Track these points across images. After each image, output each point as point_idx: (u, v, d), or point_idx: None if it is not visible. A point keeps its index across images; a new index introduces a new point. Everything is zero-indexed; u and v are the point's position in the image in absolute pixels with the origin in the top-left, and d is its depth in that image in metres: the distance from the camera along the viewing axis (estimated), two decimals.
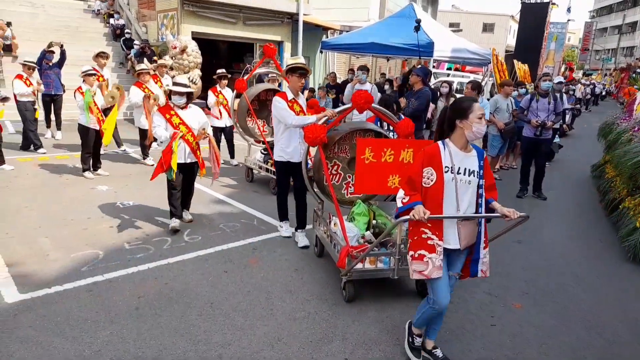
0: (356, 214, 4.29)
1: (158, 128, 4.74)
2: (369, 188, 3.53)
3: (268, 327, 3.38)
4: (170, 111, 4.80)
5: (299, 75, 4.48)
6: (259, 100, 7.39)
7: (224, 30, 12.75)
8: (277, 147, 4.67)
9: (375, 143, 3.39)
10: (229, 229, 5.23)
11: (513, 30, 38.95)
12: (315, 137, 3.95)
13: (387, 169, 3.44)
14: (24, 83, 8.01)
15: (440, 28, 11.75)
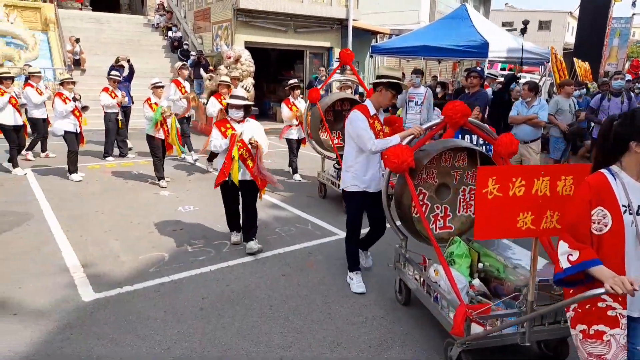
0: (456, 256, 3.50)
1: (215, 140, 4.54)
2: (494, 231, 2.62)
3: (327, 331, 3.42)
4: (226, 124, 4.60)
5: (395, 92, 3.74)
6: (334, 111, 6.69)
7: (275, 38, 13.05)
8: (349, 173, 3.84)
9: (500, 172, 2.57)
10: (284, 233, 5.33)
11: (572, 28, 37.14)
12: (401, 161, 3.25)
13: (516, 205, 2.57)
14: (110, 95, 8.46)
15: (495, 28, 11.43)
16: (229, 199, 4.80)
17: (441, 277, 3.24)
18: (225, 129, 4.57)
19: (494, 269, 3.44)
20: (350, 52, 6.16)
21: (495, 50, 9.52)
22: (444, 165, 3.59)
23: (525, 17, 33.33)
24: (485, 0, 27.57)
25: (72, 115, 7.13)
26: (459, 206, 3.74)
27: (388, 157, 3.31)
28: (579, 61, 17.33)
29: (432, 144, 3.66)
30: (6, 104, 7.30)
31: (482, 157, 3.60)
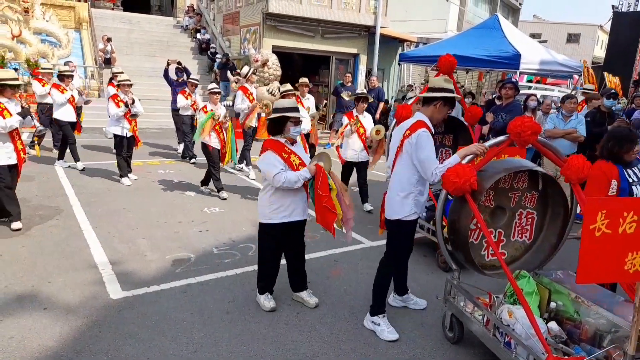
0: (525, 294, 3.09)
1: (289, 174, 3.41)
2: (600, 274, 2.27)
3: (355, 343, 3.35)
4: (285, 149, 3.49)
5: (450, 107, 3.38)
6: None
7: (303, 43, 13.08)
8: (409, 199, 3.33)
9: (612, 205, 2.20)
10: (309, 239, 5.26)
11: (601, 41, 36.42)
12: (463, 181, 2.87)
13: (626, 244, 2.22)
14: (185, 98, 8.48)
15: (527, 39, 11.25)
16: (280, 246, 3.73)
17: (517, 320, 2.80)
18: (287, 154, 3.48)
19: (568, 309, 3.06)
20: (452, 59, 4.93)
21: (526, 62, 9.35)
22: (502, 187, 3.23)
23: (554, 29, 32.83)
24: (514, 11, 27.23)
25: (124, 119, 6.90)
26: (514, 231, 3.41)
27: (448, 177, 2.93)
28: (609, 75, 16.91)
29: (492, 164, 3.25)
30: (66, 101, 7.48)
31: (545, 178, 3.27)
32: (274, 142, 3.49)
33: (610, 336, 2.77)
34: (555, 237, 3.43)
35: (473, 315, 3.17)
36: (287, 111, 3.47)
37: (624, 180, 3.42)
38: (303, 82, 8.16)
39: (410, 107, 5.09)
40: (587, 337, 2.89)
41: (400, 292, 3.93)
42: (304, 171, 3.45)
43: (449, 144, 5.47)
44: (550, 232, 3.46)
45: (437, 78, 3.50)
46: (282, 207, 3.53)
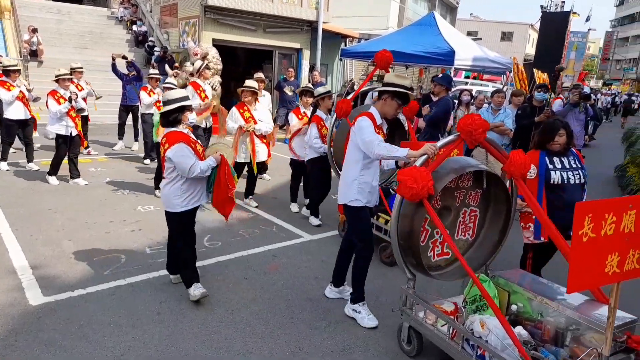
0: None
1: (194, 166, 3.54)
2: (588, 281, 2.16)
3: (289, 336, 3.35)
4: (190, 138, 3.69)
5: (401, 102, 3.45)
6: None
7: (244, 37, 12.87)
8: (353, 186, 3.47)
9: (596, 208, 2.10)
10: (248, 235, 5.23)
11: (532, 39, 38.59)
12: (421, 187, 2.71)
13: (606, 247, 2.15)
14: (148, 94, 7.95)
15: (461, 36, 11.69)
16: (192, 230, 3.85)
17: (490, 331, 2.65)
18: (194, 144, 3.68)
19: (527, 309, 2.98)
20: (389, 54, 4.94)
21: (460, 58, 9.72)
22: (449, 186, 3.11)
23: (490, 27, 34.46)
24: (452, 9, 28.24)
25: (67, 116, 6.42)
26: (458, 230, 3.33)
27: (404, 182, 2.74)
28: (538, 72, 17.97)
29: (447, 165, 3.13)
30: (14, 99, 6.85)
31: (488, 176, 3.21)
32: (179, 133, 3.56)
33: (570, 334, 2.74)
34: (498, 234, 3.40)
35: (436, 327, 2.99)
36: (182, 100, 3.55)
37: (542, 167, 3.64)
38: (258, 77, 7.73)
39: (350, 101, 5.12)
40: (550, 336, 2.83)
41: (337, 284, 3.96)
42: (210, 160, 3.60)
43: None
44: (492, 229, 3.42)
45: (389, 74, 3.63)
46: (194, 193, 3.65)
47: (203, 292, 3.65)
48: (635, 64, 50.56)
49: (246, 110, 5.88)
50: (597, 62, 56.16)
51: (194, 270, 3.78)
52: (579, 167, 3.82)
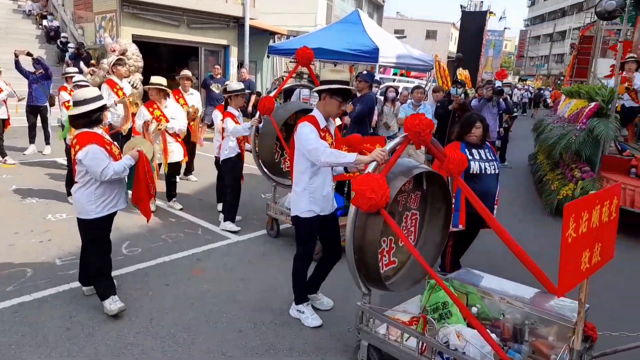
0: (451, 305, 2.84)
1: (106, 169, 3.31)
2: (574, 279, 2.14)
3: (212, 342, 3.25)
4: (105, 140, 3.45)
5: (342, 99, 3.28)
6: (287, 125, 5.27)
7: (167, 33, 12.36)
8: (304, 196, 3.32)
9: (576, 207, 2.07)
10: (171, 240, 5.02)
11: (455, 38, 40.60)
12: (380, 196, 2.53)
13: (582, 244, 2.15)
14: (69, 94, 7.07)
15: (385, 34, 12.00)
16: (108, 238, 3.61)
17: (467, 342, 2.53)
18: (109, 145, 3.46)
19: (484, 309, 2.93)
20: (309, 51, 4.89)
21: (385, 56, 9.98)
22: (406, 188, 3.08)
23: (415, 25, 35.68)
24: (378, 7, 28.96)
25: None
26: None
27: (362, 193, 2.53)
28: (460, 69, 18.94)
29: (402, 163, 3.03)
30: None
31: (427, 176, 3.11)
32: (91, 134, 3.30)
33: (528, 329, 2.74)
34: (439, 234, 3.34)
35: (402, 343, 2.78)
36: (96, 100, 3.31)
37: None
38: (184, 74, 7.28)
39: (273, 98, 5.06)
40: (510, 334, 2.81)
41: (310, 291, 3.75)
42: (126, 159, 3.40)
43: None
44: (433, 229, 3.34)
45: (324, 70, 3.50)
46: (110, 197, 3.41)
47: (121, 307, 3.42)
48: (546, 60, 54.77)
49: (156, 109, 5.57)
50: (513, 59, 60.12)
51: (110, 282, 3.54)
52: (494, 159, 4.06)
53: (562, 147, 7.15)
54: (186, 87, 7.09)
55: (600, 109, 6.72)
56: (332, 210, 3.48)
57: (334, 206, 3.51)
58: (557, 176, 7.53)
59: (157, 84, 5.55)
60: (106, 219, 3.44)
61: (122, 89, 6.69)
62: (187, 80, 7.21)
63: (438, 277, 2.69)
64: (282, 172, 5.44)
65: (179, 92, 6.98)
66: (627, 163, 6.64)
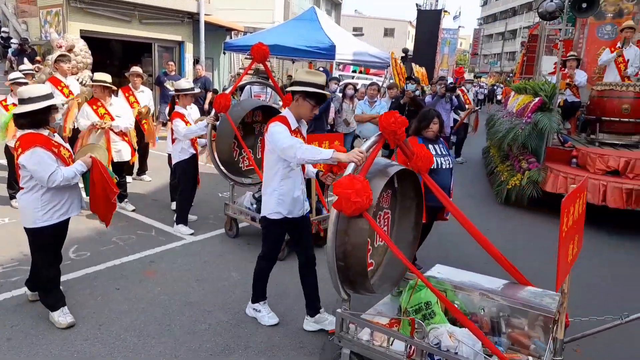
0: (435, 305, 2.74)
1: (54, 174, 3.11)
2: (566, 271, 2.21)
3: (164, 345, 3.17)
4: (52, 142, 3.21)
5: (315, 102, 3.14)
6: (243, 124, 5.15)
7: (118, 28, 11.90)
8: (273, 197, 3.24)
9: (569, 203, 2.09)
10: (123, 242, 4.86)
11: (411, 36, 41.34)
12: (365, 198, 2.43)
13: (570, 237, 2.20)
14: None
15: (342, 32, 12.07)
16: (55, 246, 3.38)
17: (459, 342, 2.47)
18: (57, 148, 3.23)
19: (462, 305, 2.88)
20: (265, 47, 4.82)
21: (341, 53, 10.03)
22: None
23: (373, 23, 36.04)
24: (337, 5, 29.09)
25: None
26: (376, 236, 3.14)
27: (347, 196, 2.41)
28: (416, 66, 19.32)
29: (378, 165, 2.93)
30: None
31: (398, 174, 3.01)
32: (36, 135, 3.06)
33: (504, 321, 2.75)
34: (411, 232, 3.32)
35: (387, 348, 2.67)
36: (46, 99, 3.07)
37: None
38: (134, 71, 7.01)
39: (229, 96, 4.92)
40: (489, 328, 2.79)
41: (312, 312, 3.49)
42: (78, 165, 3.21)
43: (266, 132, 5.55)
44: (404, 227, 3.31)
45: (300, 71, 3.40)
46: (59, 204, 3.19)
47: (71, 322, 3.27)
48: (499, 58, 56.72)
49: (100, 107, 5.33)
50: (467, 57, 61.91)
51: (60, 293, 3.37)
52: (447, 154, 4.17)
53: (510, 140, 7.47)
54: (136, 84, 6.85)
55: (544, 104, 7.04)
56: (302, 213, 3.37)
57: (305, 209, 3.40)
58: (506, 167, 7.88)
59: (101, 81, 5.30)
60: (56, 227, 3.21)
61: (67, 86, 6.38)
62: (138, 77, 6.97)
63: (423, 276, 2.64)
64: (240, 171, 5.33)
65: (129, 89, 6.74)
66: (568, 154, 7.04)
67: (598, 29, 9.19)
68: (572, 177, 6.39)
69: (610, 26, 8.94)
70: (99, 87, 5.30)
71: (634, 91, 6.95)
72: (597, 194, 6.10)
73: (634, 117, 7.00)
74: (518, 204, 7.06)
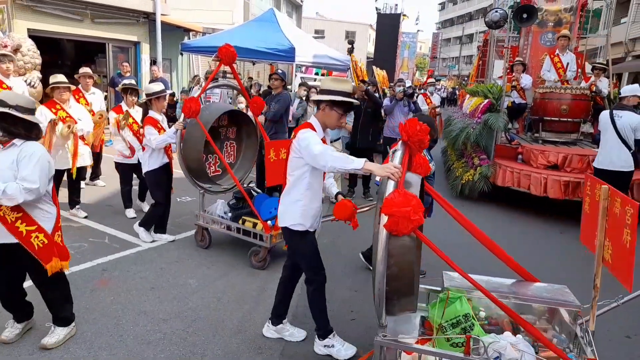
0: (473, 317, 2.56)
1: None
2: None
3: (115, 357, 3.06)
4: None
5: (343, 111, 3.01)
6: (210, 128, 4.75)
7: (68, 28, 11.43)
8: (296, 207, 3.08)
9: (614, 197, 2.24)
10: (74, 251, 4.65)
11: (372, 39, 41.92)
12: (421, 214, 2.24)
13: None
14: None
15: (302, 34, 12.07)
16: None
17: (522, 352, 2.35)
18: None
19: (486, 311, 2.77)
20: (232, 49, 4.64)
21: (302, 55, 10.02)
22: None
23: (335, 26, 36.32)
24: (297, 7, 29.11)
25: None
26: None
27: (405, 215, 2.20)
28: (377, 69, 19.60)
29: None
30: None
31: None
32: None
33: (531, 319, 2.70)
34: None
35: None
36: None
37: None
38: (85, 72, 6.74)
39: (198, 100, 4.55)
40: (510, 329, 2.70)
41: (276, 321, 3.40)
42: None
43: (232, 137, 5.47)
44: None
45: (325, 78, 3.21)
46: None
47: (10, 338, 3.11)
48: (457, 61, 58.39)
49: (60, 109, 5.09)
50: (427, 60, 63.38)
51: None
52: (431, 159, 4.31)
53: (464, 138, 7.93)
54: (87, 86, 6.62)
55: (492, 105, 7.62)
56: (316, 227, 3.22)
57: (319, 223, 3.24)
58: (461, 164, 8.31)
59: (62, 82, 5.06)
60: None
61: (9, 88, 6.04)
62: (89, 79, 6.73)
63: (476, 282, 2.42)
64: (208, 178, 5.03)
65: (79, 91, 6.48)
66: (515, 151, 7.68)
67: (541, 36, 9.90)
68: (518, 171, 7.02)
69: (551, 34, 9.65)
70: (62, 88, 5.05)
71: (572, 93, 7.62)
72: (539, 186, 6.74)
73: (572, 117, 7.69)
74: (471, 197, 7.58)
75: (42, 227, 2.92)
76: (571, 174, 6.68)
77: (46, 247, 2.92)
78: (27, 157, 2.78)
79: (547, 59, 8.53)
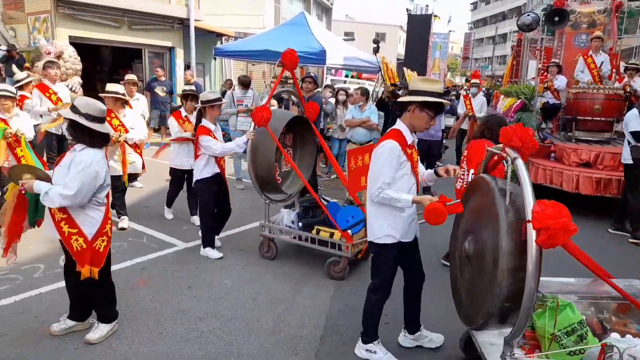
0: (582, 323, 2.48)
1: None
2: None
3: (155, 353, 3.14)
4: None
5: (434, 113, 2.87)
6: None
7: (107, 34, 11.86)
8: (381, 218, 2.94)
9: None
10: (114, 250, 4.77)
11: (402, 40, 41.59)
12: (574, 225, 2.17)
13: None
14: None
15: (332, 36, 12.10)
16: None
17: None
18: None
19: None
20: (295, 54, 4.45)
21: (332, 57, 10.06)
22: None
23: (364, 28, 36.26)
24: (327, 10, 29.19)
25: None
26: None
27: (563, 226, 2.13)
28: (408, 70, 19.42)
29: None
30: None
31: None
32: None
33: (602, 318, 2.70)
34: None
35: None
36: None
37: None
38: (130, 79, 6.97)
39: (269, 108, 4.31)
40: (599, 327, 2.64)
41: (411, 330, 3.34)
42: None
43: (289, 144, 5.17)
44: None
45: (415, 78, 3.16)
46: None
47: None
48: (490, 62, 57.23)
49: (114, 118, 5.08)
50: (459, 61, 62.36)
51: None
52: None
53: None
54: (132, 92, 6.89)
55: (525, 105, 7.76)
56: (414, 237, 3.09)
57: (416, 232, 3.11)
58: None
59: (114, 92, 5.09)
60: None
61: (55, 93, 6.29)
62: (134, 86, 7.05)
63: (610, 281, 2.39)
64: (273, 187, 4.78)
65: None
66: (548, 149, 7.68)
67: (574, 38, 9.93)
68: (550, 169, 7.12)
69: (585, 35, 9.63)
70: (112, 98, 5.06)
71: (604, 93, 7.61)
72: (571, 183, 6.78)
73: (604, 116, 7.69)
74: None
75: (82, 231, 3.04)
76: (603, 172, 6.72)
77: (83, 251, 3.05)
78: (75, 164, 2.91)
79: (581, 60, 8.51)
